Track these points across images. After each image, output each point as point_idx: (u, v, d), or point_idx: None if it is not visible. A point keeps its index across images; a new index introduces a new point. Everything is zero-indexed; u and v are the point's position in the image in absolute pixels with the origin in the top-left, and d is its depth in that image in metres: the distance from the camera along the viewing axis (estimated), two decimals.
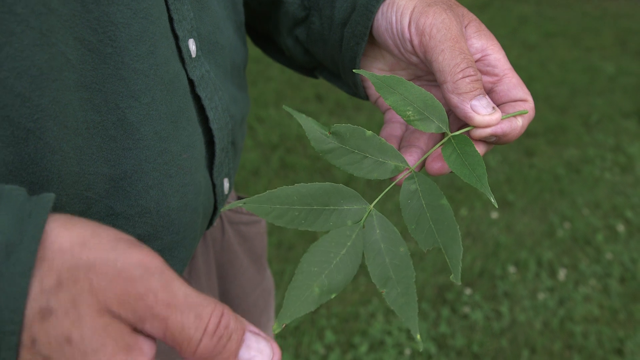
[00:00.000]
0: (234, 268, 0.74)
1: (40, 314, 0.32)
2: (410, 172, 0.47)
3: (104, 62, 0.43)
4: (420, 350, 0.42)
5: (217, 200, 0.60)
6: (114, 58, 0.43)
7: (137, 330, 0.34)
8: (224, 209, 0.42)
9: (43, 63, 0.38)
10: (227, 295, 0.73)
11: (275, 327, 0.40)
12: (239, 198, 0.74)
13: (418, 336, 0.41)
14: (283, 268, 2.32)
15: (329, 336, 2.03)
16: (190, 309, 0.34)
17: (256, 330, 0.37)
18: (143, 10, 0.44)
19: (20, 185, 0.39)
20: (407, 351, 1.98)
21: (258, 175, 2.87)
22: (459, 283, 0.41)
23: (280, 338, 2.01)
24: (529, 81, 4.19)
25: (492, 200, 0.42)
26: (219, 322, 0.35)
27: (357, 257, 0.43)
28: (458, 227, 0.43)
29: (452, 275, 0.42)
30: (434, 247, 0.44)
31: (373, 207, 0.46)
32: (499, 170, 3.07)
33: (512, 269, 2.37)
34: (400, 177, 0.47)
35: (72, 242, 0.33)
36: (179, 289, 0.34)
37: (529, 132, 3.47)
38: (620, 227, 2.64)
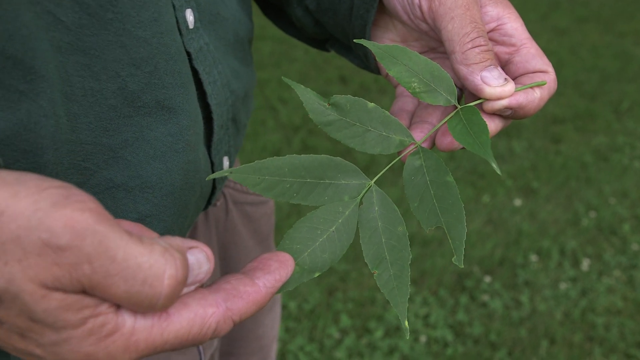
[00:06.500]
0: (238, 249, 0.72)
1: None
2: (416, 147, 0.45)
3: (105, 28, 0.41)
4: (407, 337, 0.40)
5: (216, 180, 0.58)
6: (115, 24, 0.41)
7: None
8: (209, 178, 0.40)
9: (30, 22, 0.36)
10: None
11: None
12: None
13: (406, 323, 0.39)
14: None
15: (345, 320, 2.01)
16: (135, 277, 0.30)
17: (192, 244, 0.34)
18: None
19: (14, 154, 0.37)
20: (423, 338, 1.95)
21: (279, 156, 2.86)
22: (462, 266, 0.39)
23: (295, 321, 2.00)
24: (558, 67, 4.10)
25: (495, 166, 0.39)
26: (176, 281, 0.31)
27: (348, 235, 0.42)
28: (463, 205, 0.41)
29: (455, 257, 0.40)
30: (436, 226, 0.42)
31: (374, 183, 0.43)
32: (524, 157, 3.01)
33: (534, 258, 2.33)
34: (406, 152, 0.45)
35: None
36: (118, 251, 0.29)
37: (557, 118, 3.40)
38: None
